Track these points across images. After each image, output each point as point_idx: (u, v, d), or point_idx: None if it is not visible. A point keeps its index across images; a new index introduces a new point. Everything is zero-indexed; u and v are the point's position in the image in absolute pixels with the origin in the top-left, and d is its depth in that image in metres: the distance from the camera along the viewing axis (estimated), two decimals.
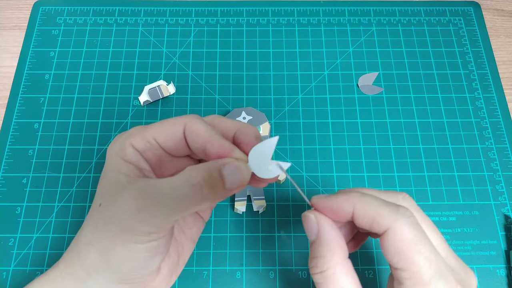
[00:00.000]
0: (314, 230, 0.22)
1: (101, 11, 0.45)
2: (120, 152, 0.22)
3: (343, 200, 0.22)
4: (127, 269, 0.21)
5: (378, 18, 0.45)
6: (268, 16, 0.45)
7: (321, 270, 0.21)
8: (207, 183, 0.20)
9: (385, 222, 0.20)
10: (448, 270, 0.20)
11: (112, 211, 0.21)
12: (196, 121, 0.22)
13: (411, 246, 0.20)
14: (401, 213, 0.21)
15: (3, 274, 0.33)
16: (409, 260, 0.20)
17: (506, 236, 0.35)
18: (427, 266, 0.20)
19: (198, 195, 0.20)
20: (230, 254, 0.34)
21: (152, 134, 0.22)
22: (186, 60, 0.42)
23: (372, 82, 0.34)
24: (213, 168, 0.20)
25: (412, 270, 0.20)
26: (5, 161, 0.37)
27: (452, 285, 0.20)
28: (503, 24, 0.45)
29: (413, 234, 0.20)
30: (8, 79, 0.41)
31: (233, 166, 0.21)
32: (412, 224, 0.20)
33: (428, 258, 0.20)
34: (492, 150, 0.38)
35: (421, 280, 0.20)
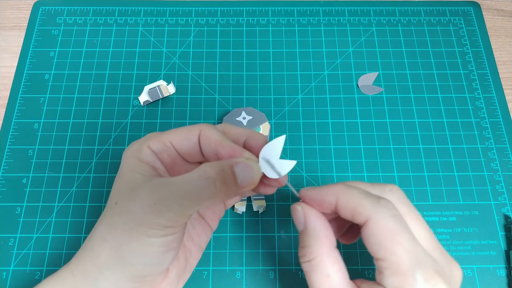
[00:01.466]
0: (301, 221, 0.23)
1: (101, 11, 0.45)
2: (136, 153, 0.23)
3: (327, 191, 0.23)
4: (141, 263, 0.22)
5: (378, 18, 0.45)
6: (268, 16, 0.45)
7: (309, 259, 0.22)
8: (220, 177, 0.21)
9: (365, 213, 0.21)
10: (428, 261, 0.21)
11: (128, 207, 0.21)
12: (210, 128, 0.24)
13: (390, 237, 0.20)
14: (382, 204, 0.21)
15: (3, 274, 0.33)
16: (388, 250, 0.20)
17: (506, 236, 0.35)
18: (406, 257, 0.20)
19: (211, 188, 0.21)
20: (230, 254, 0.34)
21: (168, 138, 0.24)
22: (186, 60, 0.42)
23: (372, 82, 0.33)
24: (225, 164, 0.22)
25: (390, 260, 0.20)
26: (5, 161, 0.37)
27: (431, 275, 0.20)
28: (503, 24, 0.45)
29: (393, 225, 0.21)
30: (8, 79, 0.41)
31: (244, 164, 0.22)
32: (392, 216, 0.21)
33: (407, 249, 0.20)
34: (492, 150, 0.38)
35: (399, 270, 0.20)
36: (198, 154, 0.24)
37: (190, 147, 0.24)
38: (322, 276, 0.22)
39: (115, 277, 0.22)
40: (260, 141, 0.24)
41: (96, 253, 0.22)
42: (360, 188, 0.23)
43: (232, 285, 0.33)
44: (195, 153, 0.24)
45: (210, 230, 0.28)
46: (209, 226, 0.28)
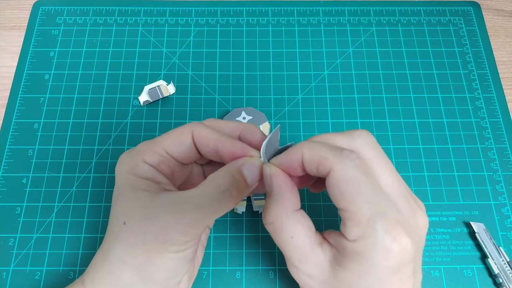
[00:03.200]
0: (268, 183, 0.23)
1: (101, 11, 0.45)
2: (133, 170, 0.23)
3: (293, 151, 0.22)
4: (163, 278, 0.22)
5: (378, 18, 0.45)
6: (268, 16, 0.45)
7: (270, 222, 0.22)
8: (234, 186, 0.21)
9: (328, 165, 0.21)
10: (391, 211, 0.20)
11: (146, 227, 0.21)
12: (202, 127, 0.24)
13: (352, 187, 0.20)
14: (344, 155, 0.21)
15: (3, 274, 0.33)
16: (350, 201, 0.20)
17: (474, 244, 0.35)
18: (366, 207, 0.20)
19: (229, 199, 0.21)
20: (230, 254, 0.34)
21: (162, 146, 0.23)
22: (186, 60, 0.42)
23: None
24: (234, 171, 0.22)
25: (351, 210, 0.20)
26: (5, 161, 0.37)
27: (392, 225, 0.20)
28: (503, 24, 0.45)
29: (354, 175, 0.20)
30: (8, 79, 0.41)
31: (250, 164, 0.22)
32: (354, 166, 0.20)
33: (369, 199, 0.20)
34: (492, 150, 0.38)
35: (360, 220, 0.20)
36: (195, 155, 0.24)
37: (186, 151, 0.24)
38: (286, 238, 0.22)
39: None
40: (258, 134, 0.24)
41: (115, 275, 0.22)
42: (323, 142, 0.22)
43: (232, 285, 0.33)
44: (191, 156, 0.24)
45: (208, 227, 0.28)
46: None
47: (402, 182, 0.23)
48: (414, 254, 0.20)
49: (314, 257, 0.22)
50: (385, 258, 0.20)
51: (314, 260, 0.22)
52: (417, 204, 0.23)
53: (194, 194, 0.22)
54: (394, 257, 0.20)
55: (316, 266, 0.22)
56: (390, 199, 0.21)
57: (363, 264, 0.20)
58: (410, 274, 0.21)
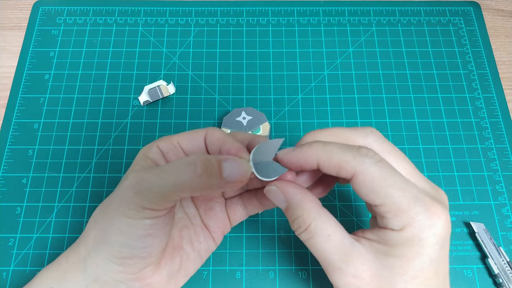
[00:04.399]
0: (282, 198, 0.23)
1: (101, 11, 0.45)
2: (145, 151, 0.25)
3: (307, 153, 0.22)
4: (118, 243, 0.22)
5: (378, 18, 0.45)
6: (268, 16, 0.45)
7: (305, 228, 0.22)
8: (203, 164, 0.21)
9: (350, 168, 0.21)
10: (421, 193, 0.21)
11: (116, 189, 0.23)
12: (216, 129, 0.25)
13: (381, 182, 0.21)
14: (364, 154, 0.21)
15: (3, 274, 0.33)
16: (383, 195, 0.21)
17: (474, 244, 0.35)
18: (402, 195, 0.21)
19: (191, 172, 0.21)
20: (230, 254, 0.34)
21: (177, 139, 0.25)
22: (186, 60, 0.42)
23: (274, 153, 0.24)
24: (213, 157, 0.22)
25: (389, 203, 0.21)
26: (5, 161, 0.37)
27: (430, 203, 0.21)
28: (503, 24, 0.45)
29: (380, 171, 0.21)
30: (8, 79, 0.41)
31: (233, 160, 0.22)
32: (376, 162, 0.21)
33: (400, 187, 0.21)
34: (492, 150, 0.38)
35: (400, 209, 0.21)
36: (203, 152, 0.25)
37: (196, 146, 0.25)
38: (323, 238, 0.22)
39: (99, 258, 0.22)
40: None
41: (87, 234, 0.23)
42: (338, 143, 0.23)
43: (232, 285, 0.33)
44: (200, 151, 0.25)
45: (212, 242, 0.28)
46: (211, 238, 0.28)
47: (417, 169, 0.24)
48: (450, 225, 0.22)
49: (358, 252, 0.22)
50: (433, 234, 0.21)
51: (359, 254, 0.22)
52: (434, 184, 0.24)
53: (165, 164, 0.23)
54: (440, 231, 0.21)
55: (361, 260, 0.22)
56: (415, 184, 0.22)
57: (413, 247, 0.21)
58: (448, 248, 0.22)
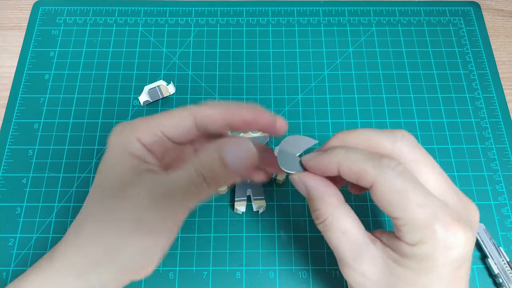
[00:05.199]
0: (303, 188, 0.23)
1: (101, 11, 0.45)
2: (125, 145, 0.22)
3: (328, 160, 0.22)
4: (135, 263, 0.22)
5: (378, 18, 0.45)
6: (268, 16, 0.45)
7: (321, 220, 0.22)
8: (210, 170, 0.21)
9: (369, 178, 0.21)
10: (444, 211, 0.20)
11: (122, 209, 0.21)
12: (204, 107, 0.23)
13: (400, 196, 0.20)
14: (385, 165, 0.20)
15: (3, 274, 0.33)
16: (401, 209, 0.20)
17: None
18: (420, 212, 0.20)
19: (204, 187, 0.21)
20: (230, 254, 0.34)
21: (159, 127, 0.23)
22: (186, 60, 0.42)
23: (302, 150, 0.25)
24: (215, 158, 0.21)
25: (406, 218, 0.20)
26: (5, 161, 0.37)
27: (449, 223, 0.20)
28: (503, 24, 0.45)
29: (400, 185, 0.20)
30: (8, 79, 0.41)
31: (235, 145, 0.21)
32: (398, 175, 0.20)
33: (421, 203, 0.20)
34: (492, 150, 0.38)
35: (417, 225, 0.20)
36: (193, 135, 0.24)
37: (185, 132, 0.23)
38: (338, 234, 0.22)
39: (106, 272, 0.22)
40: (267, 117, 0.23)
41: (85, 250, 0.22)
42: (360, 150, 0.22)
43: (232, 285, 0.33)
44: (189, 136, 0.24)
45: None
46: None
47: (449, 179, 0.23)
48: (472, 246, 0.21)
49: (369, 253, 0.22)
50: (448, 255, 0.20)
51: (370, 256, 0.22)
52: (465, 197, 0.23)
53: (172, 176, 0.21)
54: (457, 253, 0.20)
55: (372, 262, 0.22)
56: (440, 198, 0.21)
57: (425, 263, 0.20)
58: (468, 269, 0.22)
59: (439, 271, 0.20)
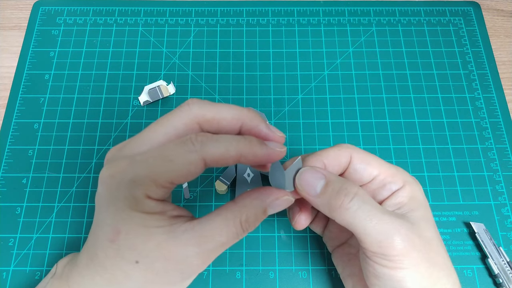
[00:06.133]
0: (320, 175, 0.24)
1: (101, 11, 0.45)
2: (137, 207, 0.20)
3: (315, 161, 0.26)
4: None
5: (378, 18, 0.45)
6: (268, 16, 0.45)
7: (354, 193, 0.23)
8: (254, 224, 0.22)
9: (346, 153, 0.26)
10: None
11: (169, 266, 0.20)
12: (213, 148, 0.20)
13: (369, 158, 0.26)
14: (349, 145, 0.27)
15: (3, 274, 0.33)
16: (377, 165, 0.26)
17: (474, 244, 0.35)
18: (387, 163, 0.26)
19: (246, 233, 0.22)
20: (230, 254, 0.34)
21: (167, 178, 0.20)
22: (186, 60, 0.42)
23: None
24: (259, 209, 0.22)
25: (383, 171, 0.26)
26: (5, 161, 0.37)
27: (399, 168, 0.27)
28: (503, 24, 0.45)
29: (364, 151, 0.26)
30: (8, 79, 0.41)
31: (278, 203, 0.23)
32: (359, 148, 0.26)
33: (381, 160, 0.26)
34: (492, 150, 0.38)
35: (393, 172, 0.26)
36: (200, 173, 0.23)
37: (194, 177, 0.21)
38: (374, 203, 0.23)
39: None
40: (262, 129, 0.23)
41: None
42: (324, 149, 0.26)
43: (232, 285, 0.33)
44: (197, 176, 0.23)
45: None
46: None
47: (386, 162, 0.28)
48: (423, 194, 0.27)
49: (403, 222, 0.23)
50: (416, 181, 0.26)
51: (398, 215, 0.24)
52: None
53: (218, 232, 0.21)
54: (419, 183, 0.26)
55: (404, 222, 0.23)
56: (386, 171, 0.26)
57: (419, 195, 0.26)
58: None
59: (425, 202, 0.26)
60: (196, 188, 0.36)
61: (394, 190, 0.25)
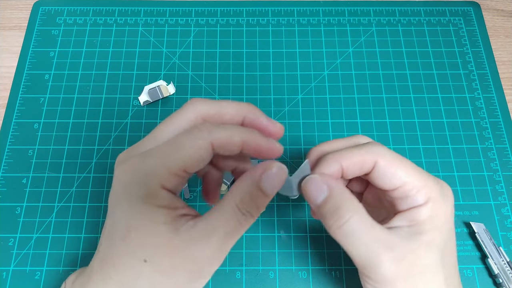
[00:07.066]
0: (323, 188, 0.23)
1: (101, 11, 0.45)
2: (149, 198, 0.20)
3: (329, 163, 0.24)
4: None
5: (378, 18, 0.45)
6: (268, 16, 0.45)
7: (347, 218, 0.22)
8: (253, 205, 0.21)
9: (371, 159, 0.24)
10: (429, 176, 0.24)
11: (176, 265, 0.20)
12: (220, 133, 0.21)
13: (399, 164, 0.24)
14: (375, 145, 0.24)
15: (3, 274, 0.33)
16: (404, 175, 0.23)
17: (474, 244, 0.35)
18: (417, 173, 0.24)
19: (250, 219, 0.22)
20: (230, 254, 0.34)
21: (179, 166, 0.21)
22: (186, 60, 0.42)
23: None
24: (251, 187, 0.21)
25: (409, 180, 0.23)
26: (5, 161, 0.37)
27: (435, 178, 0.24)
28: (503, 24, 0.45)
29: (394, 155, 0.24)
30: (8, 79, 0.41)
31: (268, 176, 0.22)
32: (388, 150, 0.24)
33: (413, 167, 0.24)
34: (492, 150, 0.38)
35: (421, 184, 0.23)
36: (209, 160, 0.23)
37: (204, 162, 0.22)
38: (367, 228, 0.22)
39: None
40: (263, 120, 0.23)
41: None
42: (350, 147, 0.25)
43: (232, 285, 0.33)
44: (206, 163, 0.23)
45: None
46: None
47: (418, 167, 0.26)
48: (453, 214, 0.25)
49: (397, 235, 0.23)
50: (450, 203, 0.24)
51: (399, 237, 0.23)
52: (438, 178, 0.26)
53: (218, 224, 0.21)
54: (452, 201, 0.24)
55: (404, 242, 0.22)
56: None
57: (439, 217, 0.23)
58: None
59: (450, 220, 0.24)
60: (196, 188, 0.36)
61: (413, 206, 0.23)
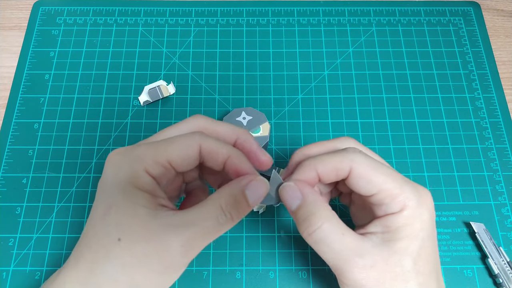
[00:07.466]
0: (298, 195, 0.24)
1: (101, 11, 0.45)
2: (133, 180, 0.21)
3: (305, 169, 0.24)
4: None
5: (378, 18, 0.45)
6: (268, 16, 0.45)
7: (318, 226, 0.23)
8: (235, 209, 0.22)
9: (346, 165, 0.23)
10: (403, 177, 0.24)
11: (148, 250, 0.20)
12: (210, 140, 0.23)
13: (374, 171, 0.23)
14: (352, 152, 0.24)
15: (3, 274, 0.33)
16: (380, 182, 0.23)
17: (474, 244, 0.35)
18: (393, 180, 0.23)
19: (230, 221, 0.22)
20: (230, 254, 0.34)
21: (166, 157, 0.22)
22: (186, 60, 0.42)
23: None
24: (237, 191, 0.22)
25: (385, 188, 0.23)
26: (5, 161, 0.37)
27: (415, 185, 0.24)
28: (503, 24, 0.45)
29: (370, 162, 0.23)
30: (8, 79, 0.41)
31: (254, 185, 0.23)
32: (365, 156, 0.24)
33: (390, 174, 0.23)
34: (492, 150, 0.38)
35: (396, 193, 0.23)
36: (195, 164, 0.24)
37: (190, 163, 0.23)
38: (337, 236, 0.23)
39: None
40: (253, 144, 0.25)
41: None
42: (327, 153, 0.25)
43: (232, 285, 0.33)
44: (191, 166, 0.24)
45: None
46: None
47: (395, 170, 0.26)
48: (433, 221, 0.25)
49: (368, 244, 0.23)
50: (427, 210, 0.23)
51: (369, 246, 0.23)
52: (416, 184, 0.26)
53: (198, 217, 0.21)
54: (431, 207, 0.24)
55: (374, 251, 0.23)
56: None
57: (415, 224, 0.23)
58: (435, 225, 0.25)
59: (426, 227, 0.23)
60: None
61: (388, 213, 0.23)
